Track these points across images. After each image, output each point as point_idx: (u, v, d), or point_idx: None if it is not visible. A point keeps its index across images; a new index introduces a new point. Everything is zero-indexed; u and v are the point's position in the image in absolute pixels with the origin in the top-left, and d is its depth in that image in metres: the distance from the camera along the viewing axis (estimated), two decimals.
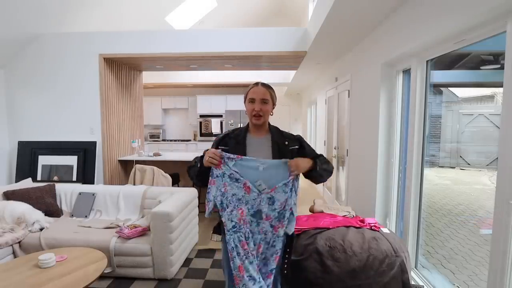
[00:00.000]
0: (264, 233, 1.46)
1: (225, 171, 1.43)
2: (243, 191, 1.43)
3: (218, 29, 4.88)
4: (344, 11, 2.48)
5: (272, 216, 1.44)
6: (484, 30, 1.61)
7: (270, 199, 1.44)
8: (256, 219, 1.44)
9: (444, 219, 4.29)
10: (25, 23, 3.93)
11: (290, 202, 1.46)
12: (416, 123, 2.30)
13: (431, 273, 2.52)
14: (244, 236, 1.42)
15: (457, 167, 6.58)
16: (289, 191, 1.45)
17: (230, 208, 1.43)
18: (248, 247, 1.42)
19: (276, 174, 1.45)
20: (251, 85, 1.61)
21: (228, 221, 1.43)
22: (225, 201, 1.44)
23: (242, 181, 1.43)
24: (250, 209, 1.43)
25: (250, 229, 1.44)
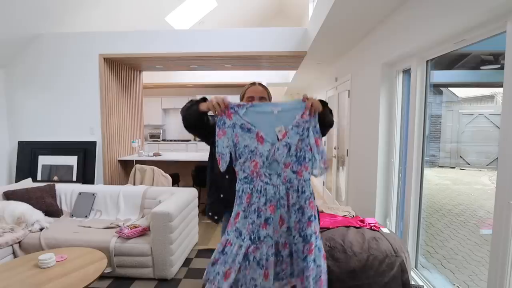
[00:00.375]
0: (289, 181, 1.33)
1: (236, 121, 1.33)
2: (255, 142, 1.32)
3: (218, 29, 4.88)
4: (344, 11, 2.48)
5: (291, 161, 1.33)
6: (484, 30, 1.61)
7: (285, 145, 1.33)
8: (275, 170, 1.33)
9: (444, 219, 4.29)
10: (25, 23, 3.93)
11: (307, 142, 1.34)
12: (416, 123, 2.30)
13: (431, 273, 2.52)
14: (255, 190, 1.32)
15: (457, 167, 6.58)
16: (302, 131, 1.34)
17: (243, 159, 1.33)
18: (250, 201, 1.32)
19: (292, 117, 1.35)
20: (247, 85, 1.62)
21: (241, 171, 1.34)
22: (238, 152, 1.34)
23: (254, 131, 1.32)
24: (264, 161, 1.32)
25: (268, 182, 1.33)
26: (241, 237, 1.32)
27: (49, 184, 3.47)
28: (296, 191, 1.33)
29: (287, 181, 1.33)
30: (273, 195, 1.32)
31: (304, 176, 1.34)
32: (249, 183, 1.33)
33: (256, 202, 1.31)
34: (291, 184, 1.33)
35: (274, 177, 1.33)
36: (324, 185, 5.72)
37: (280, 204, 1.33)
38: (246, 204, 1.32)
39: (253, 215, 1.32)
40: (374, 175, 2.86)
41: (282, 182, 1.33)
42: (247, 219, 1.32)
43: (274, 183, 1.33)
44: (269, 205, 1.32)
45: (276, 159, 1.32)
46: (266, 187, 1.32)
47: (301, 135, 1.34)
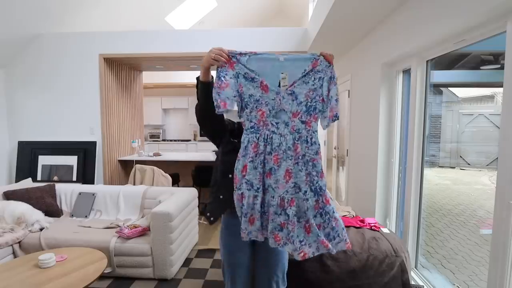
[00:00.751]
0: (297, 131, 1.28)
1: (239, 71, 1.28)
2: (260, 91, 1.28)
3: (218, 29, 4.88)
4: (344, 11, 2.48)
5: (300, 111, 1.28)
6: (484, 30, 1.61)
7: (291, 94, 1.27)
8: (282, 119, 1.29)
9: (444, 219, 4.29)
10: (25, 23, 3.93)
11: (319, 92, 1.28)
12: (416, 123, 2.30)
13: (431, 273, 2.52)
14: (261, 139, 1.28)
15: (457, 167, 6.58)
16: (313, 81, 1.27)
17: (249, 108, 1.30)
18: (257, 150, 1.27)
19: (301, 66, 1.28)
20: None
21: (247, 121, 1.30)
22: (243, 102, 1.30)
23: (258, 80, 1.28)
24: (271, 110, 1.28)
25: (274, 132, 1.28)
26: (254, 187, 1.28)
27: (49, 184, 3.47)
28: (305, 141, 1.27)
29: (295, 130, 1.28)
30: (278, 145, 1.27)
31: (313, 126, 1.29)
32: (255, 133, 1.29)
33: (263, 151, 1.27)
34: (299, 134, 1.28)
35: (282, 126, 1.28)
36: None
37: (287, 155, 1.26)
38: (253, 154, 1.27)
39: (261, 165, 1.27)
40: (374, 175, 2.86)
41: (290, 131, 1.28)
42: (257, 170, 1.27)
43: (281, 133, 1.28)
44: (273, 155, 1.27)
45: (283, 108, 1.28)
46: (272, 135, 1.27)
47: (313, 84, 1.27)
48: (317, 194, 1.27)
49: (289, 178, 1.26)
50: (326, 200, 1.28)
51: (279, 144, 1.26)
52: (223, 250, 1.60)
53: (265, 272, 1.58)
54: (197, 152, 7.14)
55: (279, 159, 1.26)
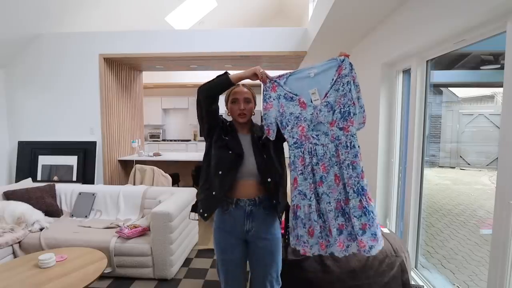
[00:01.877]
0: (337, 139, 1.38)
1: (280, 93, 1.43)
2: (299, 108, 1.41)
3: (217, 29, 4.88)
4: (344, 11, 2.48)
5: (336, 119, 1.38)
6: (484, 30, 1.61)
7: (326, 105, 1.38)
8: (322, 131, 1.39)
9: (444, 219, 4.29)
10: (25, 23, 3.93)
11: (349, 97, 1.36)
12: (416, 123, 2.30)
13: (431, 273, 2.52)
14: (306, 152, 1.39)
15: (457, 167, 6.58)
16: (342, 87, 1.37)
17: (290, 126, 1.42)
18: (305, 162, 1.39)
19: (329, 77, 1.41)
20: (232, 88, 1.59)
21: (290, 138, 1.43)
22: (285, 120, 1.43)
23: (296, 98, 1.41)
24: (310, 125, 1.40)
25: (317, 143, 1.39)
26: (307, 197, 1.38)
27: (49, 184, 3.47)
28: (345, 147, 1.36)
29: (335, 138, 1.38)
30: (323, 155, 1.37)
31: (351, 130, 1.37)
32: (300, 147, 1.40)
33: (309, 163, 1.38)
34: (339, 141, 1.37)
35: (322, 137, 1.38)
36: None
37: (332, 162, 1.37)
38: (301, 167, 1.39)
39: (311, 175, 1.38)
40: (374, 175, 2.86)
41: (331, 140, 1.38)
42: (307, 180, 1.38)
43: (323, 143, 1.38)
44: (321, 164, 1.37)
45: (320, 121, 1.38)
46: (315, 147, 1.38)
47: (342, 90, 1.37)
48: (360, 194, 1.36)
49: (339, 182, 1.37)
50: (369, 199, 1.37)
51: (324, 153, 1.38)
52: (216, 248, 1.63)
53: (260, 271, 1.60)
54: (197, 152, 7.14)
55: (326, 167, 1.38)
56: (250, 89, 1.62)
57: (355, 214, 1.35)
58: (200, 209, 1.55)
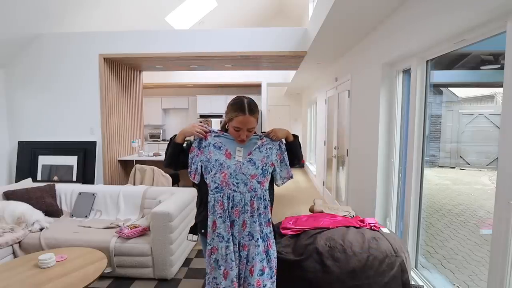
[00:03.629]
0: (254, 190, 1.55)
1: (211, 141, 1.58)
2: (224, 156, 1.56)
3: (218, 29, 4.88)
4: (344, 11, 2.48)
5: (257, 174, 1.56)
6: (484, 30, 1.61)
7: (249, 161, 1.56)
8: (242, 180, 1.54)
9: (444, 219, 4.29)
10: (25, 23, 3.93)
11: (270, 159, 1.60)
12: (416, 123, 2.30)
13: (431, 273, 2.52)
14: (225, 197, 1.52)
15: (457, 167, 6.58)
16: (266, 150, 1.60)
17: (214, 171, 1.54)
18: (224, 207, 1.51)
19: (253, 143, 1.62)
20: (236, 111, 1.50)
21: (212, 182, 1.54)
22: (209, 166, 1.56)
23: (223, 148, 1.57)
24: (232, 173, 1.54)
25: (235, 190, 1.53)
26: (225, 239, 1.51)
27: (49, 184, 3.47)
28: (259, 198, 1.55)
29: (252, 189, 1.55)
30: (239, 201, 1.53)
31: (266, 186, 1.59)
32: (220, 192, 1.53)
33: (227, 207, 1.52)
34: (255, 193, 1.55)
35: (241, 185, 1.54)
36: (324, 185, 5.72)
37: (245, 209, 1.53)
38: (221, 211, 1.52)
39: (228, 218, 1.52)
40: (374, 175, 2.86)
41: (248, 190, 1.54)
42: (225, 223, 1.51)
43: (241, 191, 1.54)
44: (235, 209, 1.53)
45: (242, 172, 1.54)
46: (233, 194, 1.53)
47: (265, 152, 1.60)
48: (264, 240, 1.57)
49: (244, 228, 1.54)
50: (269, 245, 1.59)
51: (240, 200, 1.53)
52: (203, 245, 1.68)
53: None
54: None
55: (239, 212, 1.53)
56: (255, 115, 1.53)
57: (258, 258, 1.53)
58: (202, 230, 1.62)
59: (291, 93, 9.75)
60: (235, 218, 1.53)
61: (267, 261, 1.57)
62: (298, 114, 10.06)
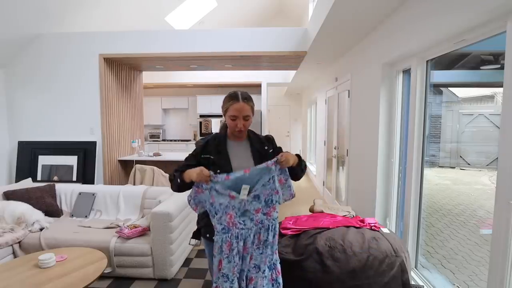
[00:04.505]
0: (261, 223, 1.53)
1: (213, 186, 1.49)
2: (228, 199, 1.50)
3: (218, 29, 4.88)
4: (344, 11, 2.48)
5: (261, 207, 1.53)
6: (484, 30, 1.61)
7: (254, 197, 1.51)
8: (248, 216, 1.51)
9: (444, 219, 4.29)
10: (25, 23, 3.93)
11: (273, 187, 1.53)
12: (416, 123, 2.30)
13: (431, 273, 2.52)
14: (233, 237, 1.49)
15: (457, 167, 6.59)
16: (268, 181, 1.52)
17: (219, 214, 1.50)
18: (231, 246, 1.49)
19: (260, 176, 1.53)
20: (231, 100, 1.55)
21: (218, 224, 1.50)
22: (213, 210, 1.51)
23: (226, 193, 1.50)
24: (237, 212, 1.51)
25: (243, 228, 1.50)
26: (229, 279, 1.50)
27: (49, 184, 3.47)
28: (267, 229, 1.54)
29: (259, 222, 1.53)
30: (248, 237, 1.52)
31: (273, 215, 1.55)
32: (227, 233, 1.50)
33: (236, 247, 1.50)
34: (262, 225, 1.53)
35: (248, 221, 1.52)
36: (324, 185, 5.72)
37: (253, 243, 1.53)
38: (228, 251, 1.49)
39: (235, 258, 1.50)
40: (374, 175, 2.86)
41: (255, 224, 1.53)
42: (231, 263, 1.49)
43: (248, 227, 1.52)
44: (244, 247, 1.52)
45: (247, 209, 1.52)
46: (242, 232, 1.51)
47: (268, 183, 1.52)
48: (271, 269, 1.58)
49: (251, 260, 1.54)
50: (278, 272, 1.60)
51: (249, 236, 1.52)
52: (209, 259, 1.66)
53: None
54: None
55: (248, 248, 1.53)
56: (250, 103, 1.58)
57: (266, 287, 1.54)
58: (207, 234, 1.61)
59: (291, 93, 9.75)
60: (243, 254, 1.52)
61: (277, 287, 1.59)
62: (298, 114, 10.06)
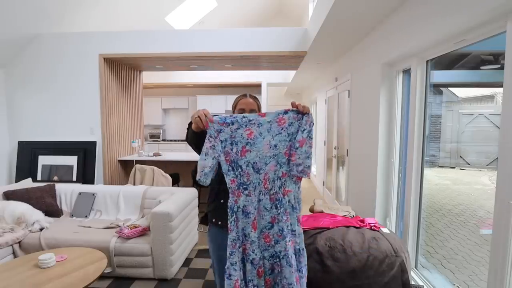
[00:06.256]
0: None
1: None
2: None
3: (218, 29, 4.88)
4: (344, 11, 2.48)
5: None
6: (484, 30, 1.61)
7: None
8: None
9: (444, 219, 4.29)
10: (24, 23, 3.93)
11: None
12: (416, 123, 2.30)
13: (431, 273, 2.52)
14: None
15: (457, 167, 6.59)
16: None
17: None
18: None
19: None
20: (239, 97, 1.70)
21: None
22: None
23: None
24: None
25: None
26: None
27: (49, 184, 3.47)
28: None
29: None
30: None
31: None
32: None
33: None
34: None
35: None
36: (324, 185, 5.72)
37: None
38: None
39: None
40: (374, 175, 2.86)
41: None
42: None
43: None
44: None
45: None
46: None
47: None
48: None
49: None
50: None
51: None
52: (212, 246, 1.64)
53: None
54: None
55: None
56: (256, 100, 1.71)
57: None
58: (213, 219, 1.60)
59: (291, 93, 9.75)
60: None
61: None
62: None
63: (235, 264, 1.39)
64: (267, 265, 1.43)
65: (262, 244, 1.43)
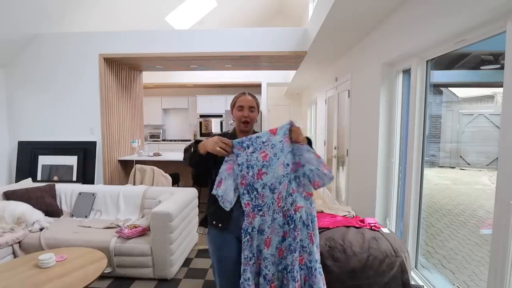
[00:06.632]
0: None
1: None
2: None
3: (218, 29, 4.88)
4: (344, 11, 2.48)
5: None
6: (484, 30, 1.61)
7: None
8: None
9: (444, 219, 4.29)
10: (24, 23, 3.93)
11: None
12: (416, 123, 2.30)
13: (431, 273, 2.52)
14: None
15: (457, 167, 6.58)
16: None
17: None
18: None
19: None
20: (238, 94, 1.72)
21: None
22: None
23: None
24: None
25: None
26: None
27: (49, 184, 3.47)
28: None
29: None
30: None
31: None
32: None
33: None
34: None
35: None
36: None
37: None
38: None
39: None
40: (374, 175, 2.86)
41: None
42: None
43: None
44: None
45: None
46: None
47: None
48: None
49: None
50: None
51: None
52: (211, 247, 1.64)
53: None
54: None
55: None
56: (255, 98, 1.73)
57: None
58: (213, 221, 1.61)
59: (291, 93, 9.75)
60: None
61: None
62: (298, 114, 10.05)
63: (248, 280, 1.45)
64: (280, 278, 1.48)
65: (276, 260, 1.49)
